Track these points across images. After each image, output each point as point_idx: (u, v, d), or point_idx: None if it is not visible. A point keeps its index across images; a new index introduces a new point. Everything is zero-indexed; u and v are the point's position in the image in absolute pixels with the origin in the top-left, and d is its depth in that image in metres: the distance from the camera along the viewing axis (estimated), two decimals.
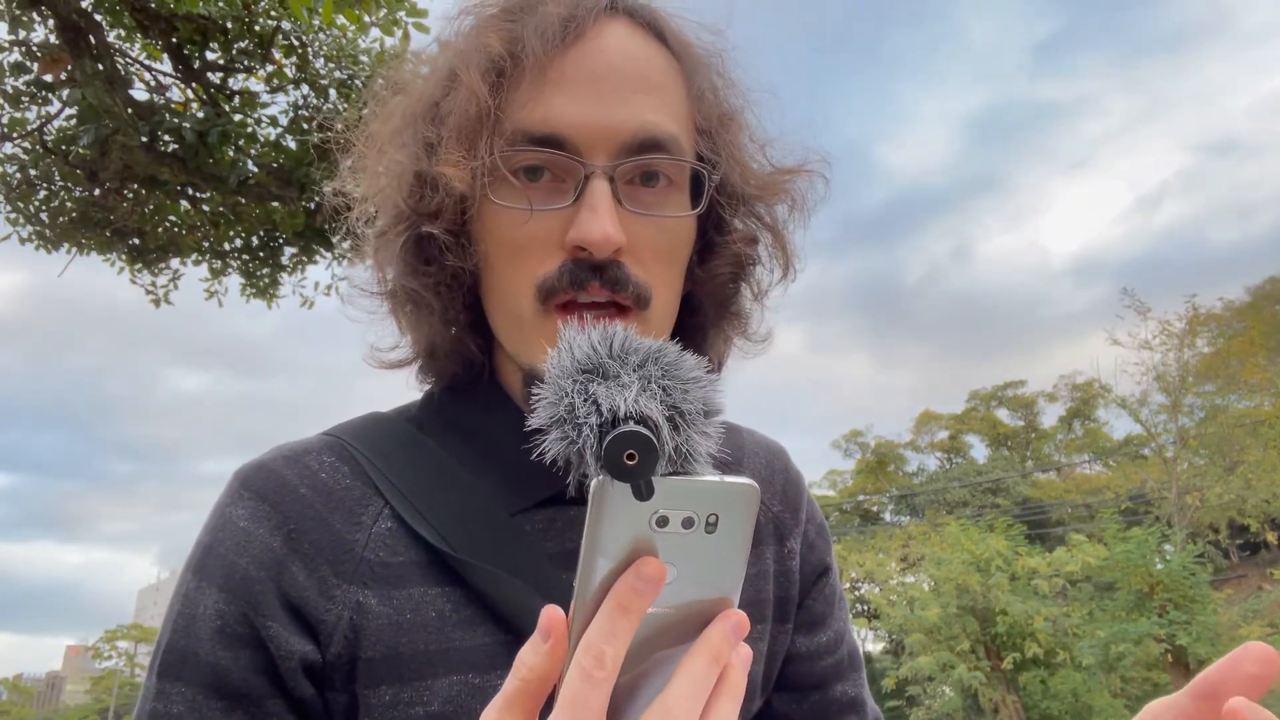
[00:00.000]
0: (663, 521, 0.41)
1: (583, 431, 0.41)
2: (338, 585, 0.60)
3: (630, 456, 0.38)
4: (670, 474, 0.41)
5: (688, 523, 0.41)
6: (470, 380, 0.71)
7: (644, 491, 0.39)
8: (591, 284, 0.61)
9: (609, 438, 0.39)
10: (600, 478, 0.40)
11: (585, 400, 0.41)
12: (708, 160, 0.67)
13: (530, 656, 0.41)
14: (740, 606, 0.74)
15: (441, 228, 0.63)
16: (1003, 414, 42.06)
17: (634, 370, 0.42)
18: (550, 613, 0.41)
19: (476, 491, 0.64)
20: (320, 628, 0.59)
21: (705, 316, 0.73)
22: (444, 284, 0.66)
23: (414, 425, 0.70)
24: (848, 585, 29.81)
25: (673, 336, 0.69)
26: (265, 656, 0.58)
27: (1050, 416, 41.36)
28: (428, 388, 0.74)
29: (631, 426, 0.39)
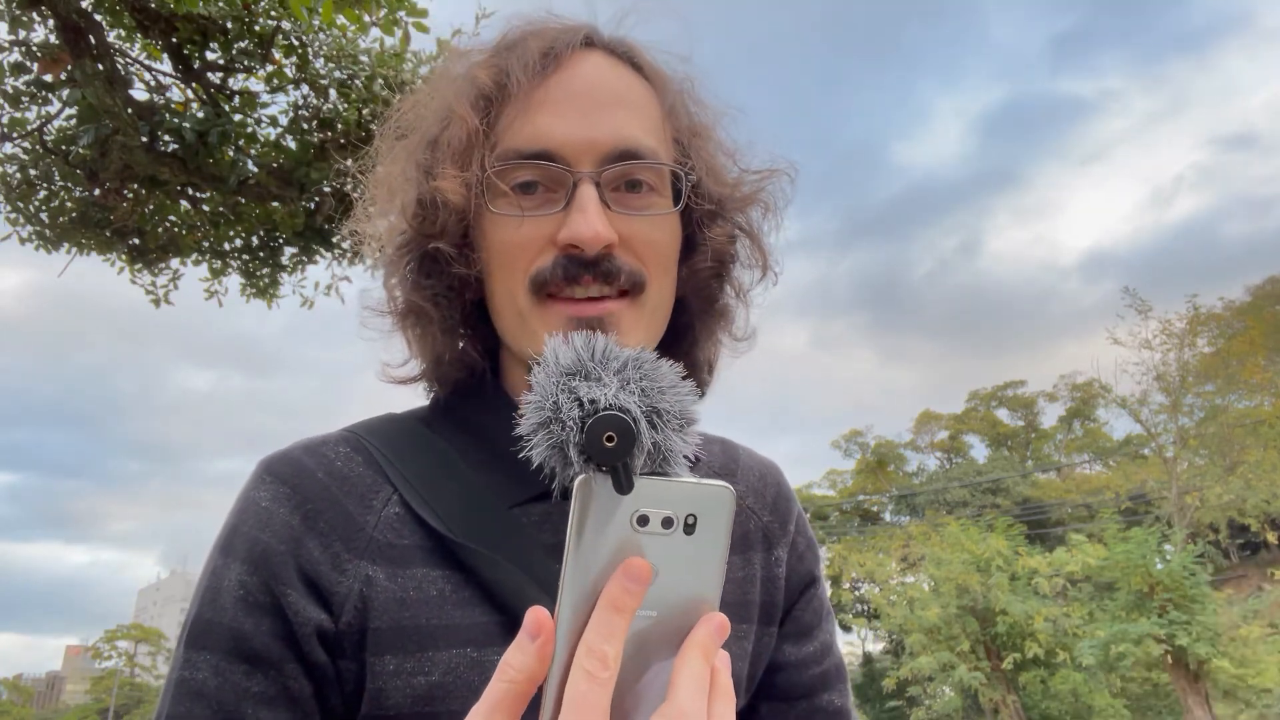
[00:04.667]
0: (643, 520, 0.42)
1: (566, 425, 0.43)
2: (349, 560, 0.64)
3: (609, 439, 0.41)
4: (649, 473, 0.43)
5: (667, 523, 0.43)
6: (474, 385, 0.77)
7: (623, 481, 0.41)
8: (585, 278, 0.65)
9: (590, 422, 0.41)
10: (583, 475, 0.42)
11: (569, 397, 0.44)
12: (684, 165, 0.73)
13: (518, 658, 0.42)
14: (727, 608, 0.76)
15: (447, 242, 0.70)
16: (1003, 414, 42.07)
17: (614, 374, 0.45)
18: (537, 614, 0.42)
19: (478, 484, 0.69)
20: (333, 599, 0.63)
21: (692, 314, 0.79)
22: (442, 295, 0.72)
23: (423, 424, 0.75)
24: (848, 585, 29.79)
25: (665, 340, 0.75)
26: (284, 624, 0.62)
27: (1050, 416, 41.40)
28: (435, 392, 0.80)
29: (610, 411, 0.42)
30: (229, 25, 5.02)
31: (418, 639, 0.63)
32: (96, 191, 5.32)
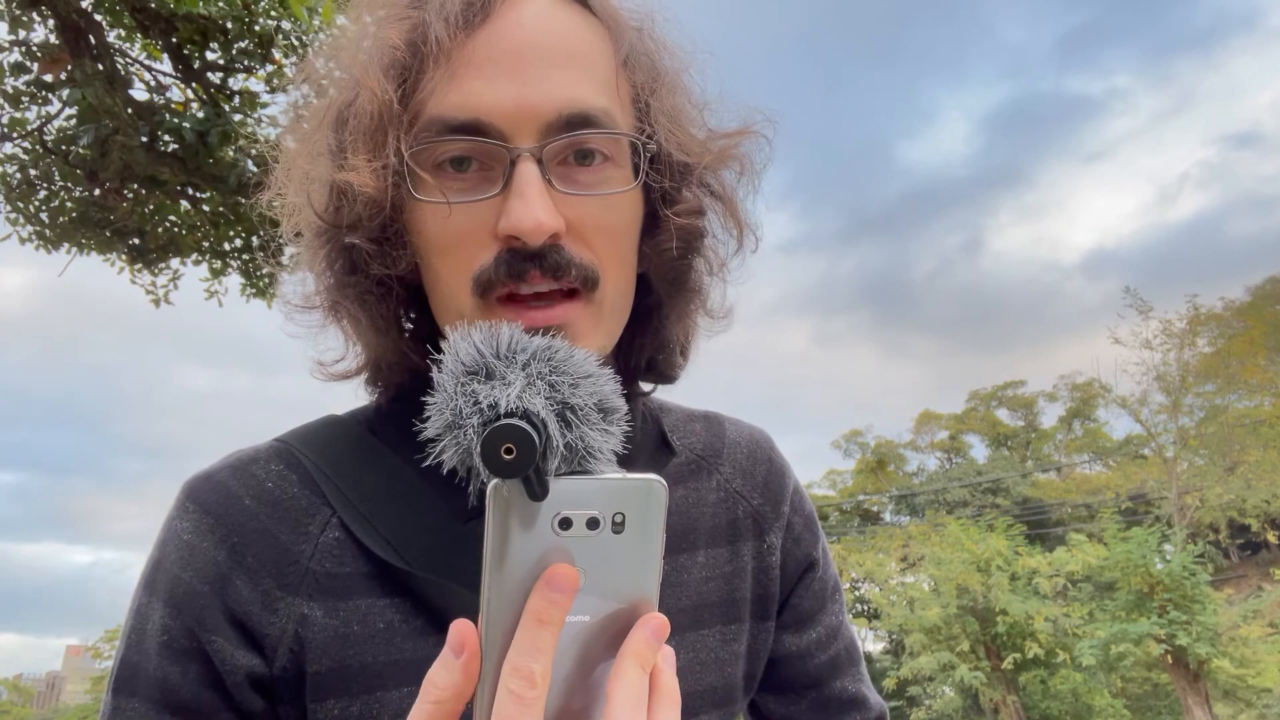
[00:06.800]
0: (565, 524, 0.39)
1: (467, 433, 0.40)
2: (281, 598, 0.59)
3: (508, 450, 0.37)
4: (568, 473, 0.40)
5: (593, 523, 0.40)
6: (420, 385, 0.69)
7: (536, 490, 0.38)
8: (531, 274, 0.56)
9: (485, 434, 0.37)
10: (495, 482, 0.39)
11: (469, 402, 0.40)
12: (643, 130, 0.63)
13: (443, 675, 0.39)
14: (715, 606, 0.74)
15: (363, 237, 0.59)
16: (1003, 414, 42.06)
17: (520, 368, 0.42)
18: (461, 627, 0.40)
19: (428, 498, 0.62)
20: (265, 641, 0.58)
21: (659, 295, 0.69)
22: (369, 293, 0.62)
23: (368, 429, 0.68)
24: (848, 586, 29.79)
25: (631, 318, 0.67)
26: (212, 671, 0.58)
27: (1050, 416, 41.36)
28: (378, 394, 0.72)
29: (507, 421, 0.38)
30: (229, 25, 5.03)
31: (363, 680, 0.58)
32: (96, 191, 5.32)
